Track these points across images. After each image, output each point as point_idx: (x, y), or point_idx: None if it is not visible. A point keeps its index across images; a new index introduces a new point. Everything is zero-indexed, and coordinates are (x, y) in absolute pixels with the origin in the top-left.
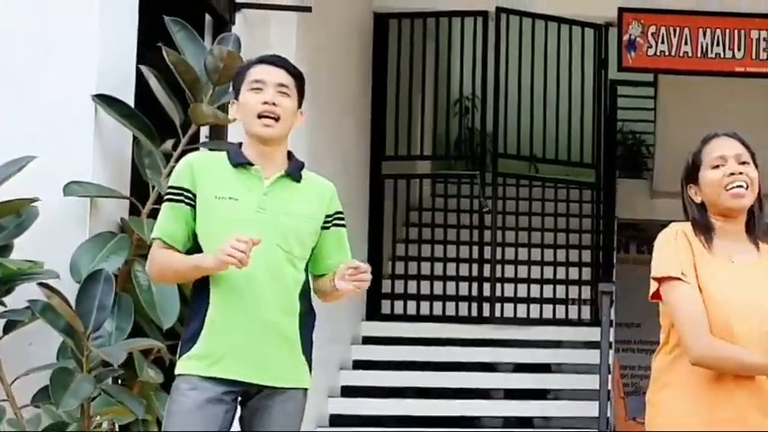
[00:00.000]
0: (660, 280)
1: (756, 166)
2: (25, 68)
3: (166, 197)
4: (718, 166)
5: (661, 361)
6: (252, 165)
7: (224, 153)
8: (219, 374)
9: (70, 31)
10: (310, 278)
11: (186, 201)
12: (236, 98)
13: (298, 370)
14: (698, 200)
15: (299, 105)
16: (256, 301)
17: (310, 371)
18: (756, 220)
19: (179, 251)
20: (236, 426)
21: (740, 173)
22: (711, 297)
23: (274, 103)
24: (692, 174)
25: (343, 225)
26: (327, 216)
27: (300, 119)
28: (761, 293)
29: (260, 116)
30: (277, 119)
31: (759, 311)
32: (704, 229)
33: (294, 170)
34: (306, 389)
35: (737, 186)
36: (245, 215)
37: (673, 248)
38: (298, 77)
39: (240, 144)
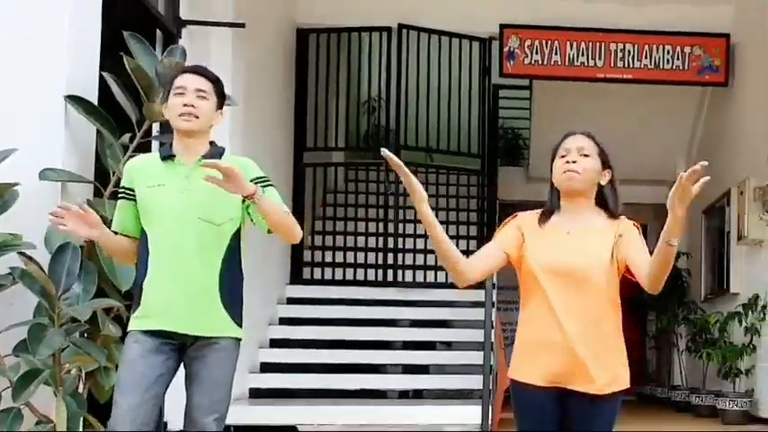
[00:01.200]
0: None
1: (604, 159)
2: (8, 75)
3: (118, 196)
4: (563, 156)
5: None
6: (174, 156)
7: (157, 152)
8: (155, 328)
9: (45, 44)
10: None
11: (128, 197)
12: (166, 101)
13: (223, 322)
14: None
15: (220, 106)
16: (183, 267)
17: (240, 324)
18: (609, 201)
19: (133, 237)
20: None
21: (575, 162)
22: (534, 259)
23: (193, 105)
24: (552, 162)
25: (270, 184)
26: (251, 182)
27: (220, 117)
28: (583, 252)
29: (180, 114)
30: (197, 117)
31: (572, 266)
32: (547, 210)
33: (211, 155)
34: (236, 339)
35: (569, 171)
36: (171, 196)
37: (503, 228)
38: (215, 83)
39: (171, 141)
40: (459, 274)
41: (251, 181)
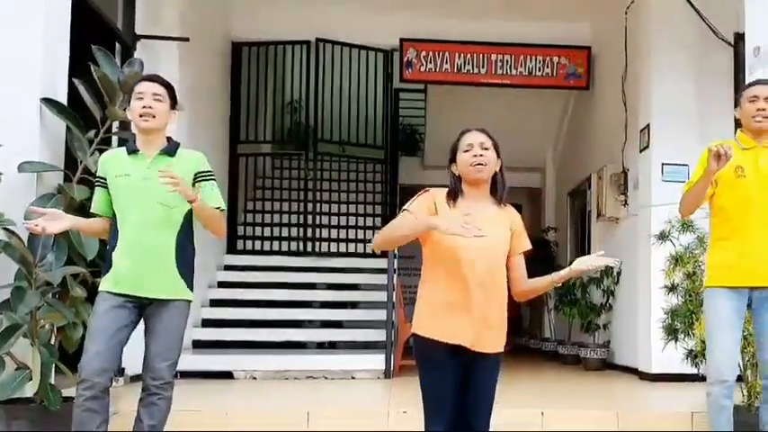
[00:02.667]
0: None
1: (497, 151)
2: None
3: (95, 184)
4: (467, 150)
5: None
6: (138, 150)
7: (124, 147)
8: (122, 291)
9: (22, 55)
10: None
11: (102, 185)
12: (129, 105)
13: (176, 287)
14: (457, 173)
15: (173, 106)
16: (145, 243)
17: (191, 289)
18: (499, 187)
19: (107, 216)
20: None
21: (481, 155)
22: (446, 236)
23: (150, 107)
24: (453, 156)
25: (212, 178)
26: (198, 174)
27: (173, 116)
28: (488, 232)
29: (141, 115)
30: (154, 116)
31: (479, 243)
32: (453, 194)
33: (168, 149)
34: (188, 300)
35: (478, 164)
36: (135, 184)
37: (417, 200)
38: (168, 87)
39: (135, 136)
40: (394, 245)
41: (198, 174)
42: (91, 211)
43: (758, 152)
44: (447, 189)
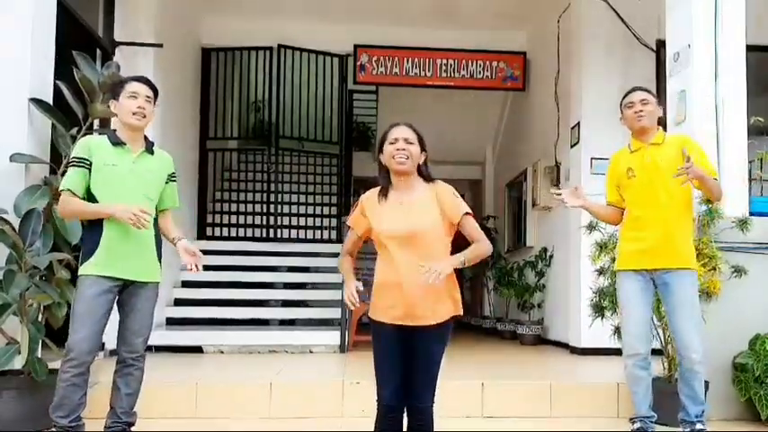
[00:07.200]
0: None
1: (422, 145)
2: None
3: (72, 164)
4: (392, 143)
5: None
6: (125, 144)
7: (105, 136)
8: (109, 274)
9: (12, 60)
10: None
11: (85, 166)
12: (115, 99)
13: (154, 270)
14: (384, 163)
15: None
16: (133, 231)
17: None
18: (423, 171)
19: (79, 198)
20: None
21: (404, 149)
22: (379, 228)
23: (143, 108)
24: (381, 146)
25: (175, 181)
26: (170, 175)
27: (153, 115)
28: (412, 218)
29: (134, 113)
30: (144, 116)
31: (403, 227)
32: (383, 188)
33: (149, 147)
34: (159, 282)
35: (400, 157)
36: (122, 175)
37: (352, 213)
38: (155, 91)
39: (114, 130)
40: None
41: (170, 175)
42: (67, 188)
43: (644, 152)
44: (380, 187)
